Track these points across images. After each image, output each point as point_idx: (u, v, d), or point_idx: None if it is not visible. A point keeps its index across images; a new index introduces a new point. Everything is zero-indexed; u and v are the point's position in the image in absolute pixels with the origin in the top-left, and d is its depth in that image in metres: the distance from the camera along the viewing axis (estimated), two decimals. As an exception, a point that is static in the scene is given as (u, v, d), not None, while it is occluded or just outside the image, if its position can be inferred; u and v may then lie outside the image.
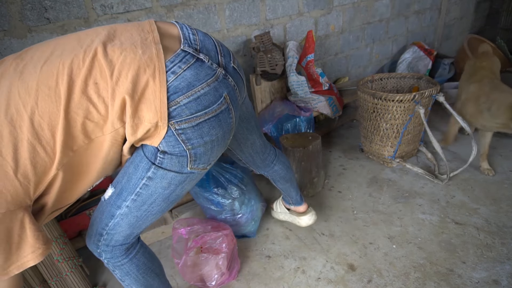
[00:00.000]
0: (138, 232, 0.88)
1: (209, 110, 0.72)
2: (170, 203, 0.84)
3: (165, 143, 0.72)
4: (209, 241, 1.27)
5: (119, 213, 0.82)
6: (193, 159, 0.75)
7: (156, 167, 0.75)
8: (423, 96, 1.73)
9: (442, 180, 1.79)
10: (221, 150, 0.81)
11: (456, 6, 3.61)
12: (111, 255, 0.87)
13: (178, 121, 0.69)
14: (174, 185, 0.79)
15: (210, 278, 1.24)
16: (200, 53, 0.73)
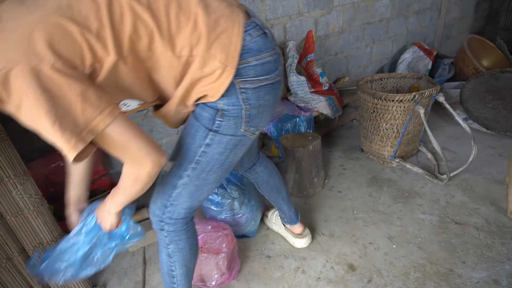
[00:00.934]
0: (196, 205, 0.94)
1: (269, 77, 0.80)
2: (224, 171, 0.90)
3: (226, 100, 0.78)
4: (209, 241, 1.27)
5: (181, 183, 0.88)
6: (247, 120, 0.82)
7: (214, 133, 0.82)
8: (423, 96, 1.73)
9: (442, 180, 1.79)
10: (268, 118, 0.88)
11: (456, 6, 3.61)
12: (173, 228, 0.94)
13: (243, 80, 0.76)
14: (228, 149, 0.85)
15: (210, 278, 1.24)
16: (265, 29, 0.81)
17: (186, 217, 0.95)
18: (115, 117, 0.65)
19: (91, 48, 0.64)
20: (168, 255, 0.99)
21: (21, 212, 1.07)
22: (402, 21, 3.07)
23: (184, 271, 1.03)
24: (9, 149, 1.03)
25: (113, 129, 0.65)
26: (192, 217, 0.98)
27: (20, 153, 1.56)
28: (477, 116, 2.23)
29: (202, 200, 0.95)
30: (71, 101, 0.61)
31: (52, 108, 0.59)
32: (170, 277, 1.04)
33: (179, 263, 1.00)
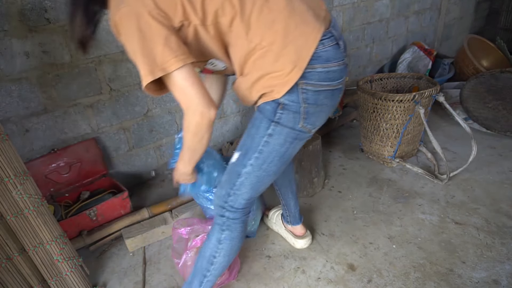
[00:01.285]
0: (255, 197, 1.01)
1: (330, 84, 0.87)
2: (283, 164, 0.96)
3: (287, 96, 0.85)
4: None
5: (244, 171, 0.94)
6: (304, 116, 0.88)
7: (275, 124, 0.89)
8: (423, 96, 1.73)
9: (442, 180, 1.79)
10: (324, 118, 0.94)
11: (456, 6, 3.61)
12: (233, 216, 1.00)
13: (306, 83, 0.84)
14: (288, 142, 0.91)
15: None
16: (339, 40, 0.90)
17: (245, 207, 1.01)
18: (184, 65, 0.77)
19: (183, 6, 0.77)
20: (218, 240, 1.03)
21: (21, 212, 1.07)
22: (402, 21, 3.07)
23: (225, 261, 1.06)
24: (9, 149, 1.02)
25: (179, 74, 0.77)
26: (249, 210, 1.04)
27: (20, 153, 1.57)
28: (477, 116, 2.23)
29: (260, 192, 1.02)
30: (156, 42, 0.75)
31: (142, 45, 0.75)
32: (208, 263, 1.05)
33: (225, 251, 1.04)
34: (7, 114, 1.49)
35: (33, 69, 1.49)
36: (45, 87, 1.54)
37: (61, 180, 1.68)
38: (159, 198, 1.86)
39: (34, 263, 1.14)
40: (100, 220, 1.61)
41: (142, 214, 1.64)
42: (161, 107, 1.95)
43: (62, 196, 1.67)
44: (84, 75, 1.63)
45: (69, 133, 1.68)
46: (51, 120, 1.61)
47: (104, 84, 1.70)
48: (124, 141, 1.88)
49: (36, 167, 1.59)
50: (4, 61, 1.41)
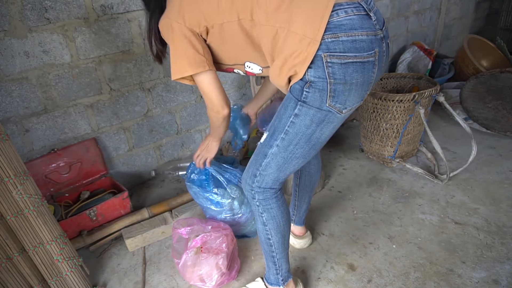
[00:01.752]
0: (283, 178, 1.01)
1: (359, 55, 0.80)
2: (311, 148, 0.94)
3: (313, 72, 0.82)
4: (209, 241, 1.27)
5: (271, 152, 0.95)
6: (332, 94, 0.84)
7: (301, 103, 0.87)
8: (423, 96, 1.73)
9: (442, 180, 1.79)
10: (356, 97, 0.87)
11: (456, 6, 3.61)
12: (263, 196, 1.02)
13: (330, 55, 0.79)
14: (315, 124, 0.89)
15: (210, 278, 1.24)
16: (370, 12, 0.83)
17: (273, 187, 1.01)
18: (200, 73, 0.96)
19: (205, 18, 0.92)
20: (263, 223, 1.06)
21: (21, 212, 1.07)
22: (402, 21, 3.07)
23: (280, 238, 1.09)
24: (9, 149, 1.02)
25: (198, 78, 0.98)
26: (280, 188, 1.04)
27: (20, 153, 1.57)
28: (477, 116, 2.23)
29: (288, 174, 1.00)
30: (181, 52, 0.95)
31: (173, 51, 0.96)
32: (268, 245, 1.11)
33: (274, 230, 1.06)
34: (7, 114, 1.49)
35: (33, 69, 1.49)
36: (45, 87, 1.54)
37: (61, 180, 1.68)
38: (159, 198, 1.86)
39: (34, 263, 1.14)
40: (100, 220, 1.61)
41: (142, 214, 1.64)
42: (161, 107, 1.95)
43: (62, 196, 1.67)
44: (84, 75, 1.63)
45: (69, 133, 1.68)
46: (51, 120, 1.61)
47: (104, 84, 1.70)
48: (124, 141, 1.88)
49: (36, 167, 1.59)
50: (4, 61, 1.41)
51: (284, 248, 1.12)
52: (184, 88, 2.00)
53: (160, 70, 1.87)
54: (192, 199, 1.73)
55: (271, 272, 1.17)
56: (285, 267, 1.16)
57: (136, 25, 1.70)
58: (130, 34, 1.70)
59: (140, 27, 1.72)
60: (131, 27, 1.69)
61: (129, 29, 1.69)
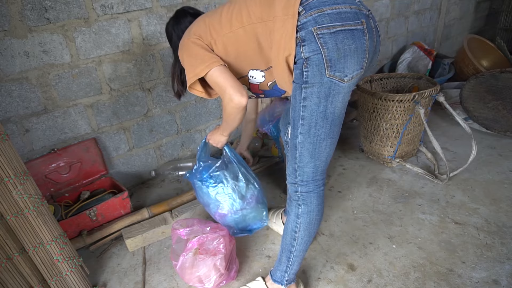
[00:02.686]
0: (322, 166, 1.03)
1: (345, 23, 0.87)
2: (331, 124, 0.97)
3: (307, 47, 0.88)
4: (206, 242, 1.27)
5: (298, 142, 0.99)
6: (329, 64, 0.88)
7: (305, 86, 0.92)
8: (423, 96, 1.73)
9: (442, 180, 1.79)
10: (354, 64, 0.91)
11: (456, 6, 3.61)
12: (306, 189, 1.04)
13: (319, 27, 0.86)
14: (323, 99, 0.92)
15: (209, 279, 1.24)
16: None
17: (315, 178, 1.04)
18: (211, 68, 1.01)
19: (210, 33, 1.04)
20: (296, 215, 1.08)
21: (21, 212, 1.07)
22: (402, 21, 3.07)
23: (306, 236, 1.10)
24: (9, 149, 1.02)
25: (211, 75, 1.02)
26: (322, 183, 1.07)
27: (20, 153, 1.57)
28: (477, 116, 2.23)
29: (324, 160, 1.02)
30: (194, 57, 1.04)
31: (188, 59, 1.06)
32: (291, 239, 1.11)
33: (304, 225, 1.08)
34: (7, 114, 1.49)
35: (33, 69, 1.49)
36: (45, 87, 1.54)
37: (61, 180, 1.68)
38: (159, 198, 1.86)
39: (34, 263, 1.14)
40: (100, 220, 1.61)
41: (142, 214, 1.64)
42: (161, 107, 1.95)
43: (62, 196, 1.67)
44: (84, 75, 1.63)
45: (69, 133, 1.68)
46: (51, 120, 1.61)
47: (104, 84, 1.70)
48: (124, 141, 1.88)
49: (36, 167, 1.59)
50: (4, 61, 1.41)
51: (304, 248, 1.13)
52: (184, 88, 2.00)
53: (160, 70, 1.87)
54: (192, 199, 1.73)
55: (280, 268, 1.17)
56: (295, 268, 1.16)
57: (136, 25, 1.70)
58: (130, 34, 1.70)
59: (140, 27, 1.72)
60: (131, 27, 1.69)
61: (129, 29, 1.69)
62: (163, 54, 1.84)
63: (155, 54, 1.82)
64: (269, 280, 1.22)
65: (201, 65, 1.01)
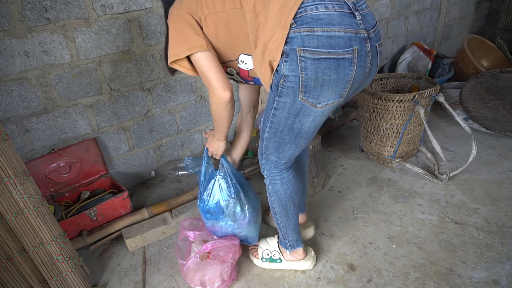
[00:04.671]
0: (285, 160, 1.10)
1: (333, 51, 0.81)
2: (297, 136, 1.01)
3: (288, 66, 0.85)
4: (218, 248, 1.27)
5: (265, 136, 1.07)
6: (303, 90, 0.87)
7: (278, 98, 0.94)
8: (423, 96, 1.73)
9: (442, 180, 1.79)
10: (331, 93, 0.88)
11: (456, 6, 3.61)
12: (269, 173, 1.15)
13: (304, 49, 0.81)
14: (292, 116, 0.95)
15: (212, 285, 1.24)
16: (356, 12, 0.83)
17: (278, 166, 1.13)
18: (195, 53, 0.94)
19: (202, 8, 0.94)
20: (269, 193, 1.21)
21: (21, 212, 1.07)
22: (402, 21, 3.07)
23: (282, 210, 1.21)
24: (9, 149, 1.02)
25: (196, 60, 0.96)
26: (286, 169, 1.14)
27: (20, 153, 1.57)
28: (477, 116, 2.23)
29: (288, 157, 1.09)
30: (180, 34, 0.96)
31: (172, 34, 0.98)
32: (273, 213, 1.25)
33: (277, 202, 1.20)
34: (7, 114, 1.49)
35: (33, 69, 1.49)
36: (45, 87, 1.54)
37: (61, 180, 1.68)
38: (159, 198, 1.86)
39: (34, 263, 1.14)
40: (100, 220, 1.61)
41: (142, 214, 1.64)
42: (161, 107, 1.95)
43: (62, 196, 1.67)
44: (84, 75, 1.63)
45: (69, 133, 1.68)
46: (51, 120, 1.61)
47: (104, 84, 1.70)
48: (124, 141, 1.88)
49: (36, 167, 1.59)
50: (4, 61, 1.41)
51: (288, 220, 1.23)
52: (184, 88, 2.00)
53: (160, 70, 1.87)
54: (192, 199, 1.73)
55: (280, 235, 1.31)
56: (291, 236, 1.27)
57: (136, 25, 1.70)
58: (130, 34, 1.70)
59: (140, 27, 1.72)
60: (131, 27, 1.69)
61: (129, 29, 1.69)
62: (163, 54, 1.84)
63: (155, 54, 1.82)
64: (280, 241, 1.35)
65: (183, 46, 0.95)
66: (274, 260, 1.35)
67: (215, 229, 1.37)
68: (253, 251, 1.40)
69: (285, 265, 1.35)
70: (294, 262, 1.34)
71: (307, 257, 1.34)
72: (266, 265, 1.37)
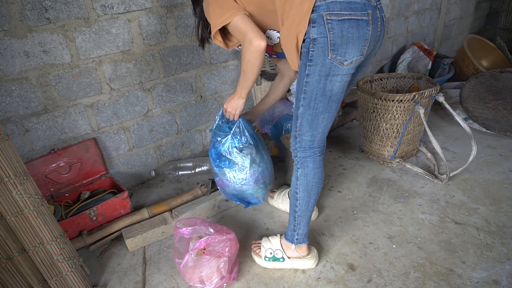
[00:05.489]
0: (319, 137, 1.16)
1: (353, 13, 0.95)
2: (329, 100, 1.08)
3: (316, 29, 0.97)
4: (213, 243, 1.27)
5: (299, 112, 1.11)
6: (332, 48, 0.97)
7: (309, 64, 1.02)
8: (423, 96, 1.73)
9: (442, 180, 1.79)
10: (354, 51, 1.00)
11: (456, 6, 3.61)
12: (303, 154, 1.18)
13: (329, 13, 0.95)
14: (323, 77, 1.03)
15: (210, 281, 1.24)
16: None
17: (312, 146, 1.17)
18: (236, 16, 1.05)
19: None
20: (296, 177, 1.23)
21: (21, 212, 1.07)
22: (402, 21, 3.07)
23: (306, 196, 1.23)
24: (9, 149, 1.02)
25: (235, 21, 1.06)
26: (319, 152, 1.20)
27: (20, 153, 1.57)
28: (477, 116, 2.23)
29: (321, 131, 1.16)
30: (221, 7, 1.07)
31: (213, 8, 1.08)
32: (294, 199, 1.26)
33: (303, 186, 1.22)
34: (7, 114, 1.49)
35: (33, 69, 1.49)
36: (45, 87, 1.54)
37: (61, 180, 1.68)
38: (159, 198, 1.86)
39: (34, 263, 1.14)
40: (100, 220, 1.61)
41: (142, 214, 1.64)
42: (161, 107, 1.95)
43: (62, 196, 1.67)
44: (84, 75, 1.63)
45: (69, 133, 1.68)
46: (51, 120, 1.61)
47: (104, 84, 1.70)
48: (124, 141, 1.88)
49: (36, 167, 1.59)
50: (4, 61, 1.41)
51: (307, 209, 1.26)
52: (184, 88, 2.01)
53: (160, 70, 1.87)
54: (192, 199, 1.73)
55: (290, 228, 1.32)
56: (302, 228, 1.29)
57: (136, 25, 1.70)
58: (130, 34, 1.70)
59: (140, 27, 1.72)
60: (131, 27, 1.69)
61: (129, 29, 1.69)
62: (163, 54, 1.84)
63: (155, 54, 1.82)
64: (283, 238, 1.37)
65: (227, 13, 1.05)
66: (277, 259, 1.35)
67: (223, 184, 1.44)
68: (256, 249, 1.41)
69: (288, 264, 1.35)
70: (297, 260, 1.34)
71: (310, 255, 1.35)
72: (268, 265, 1.37)
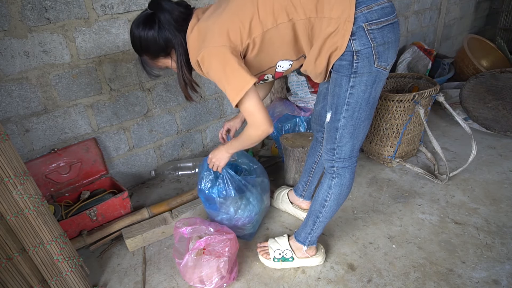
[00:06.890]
0: (358, 145, 1.14)
1: (389, 18, 0.97)
2: (371, 107, 1.08)
3: (358, 42, 0.96)
4: (213, 243, 1.27)
5: (340, 125, 1.09)
6: (377, 56, 0.98)
7: (354, 75, 1.01)
8: (423, 96, 1.73)
9: (442, 180, 1.79)
10: (393, 53, 1.02)
11: (456, 6, 3.61)
12: (342, 164, 1.16)
13: (369, 23, 0.95)
14: (369, 86, 1.02)
15: (210, 281, 1.24)
16: None
17: (351, 155, 1.15)
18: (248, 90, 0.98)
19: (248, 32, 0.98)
20: (329, 186, 1.21)
21: (21, 212, 1.07)
22: (402, 21, 3.07)
23: (335, 204, 1.23)
24: (9, 149, 1.02)
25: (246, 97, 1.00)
26: (356, 159, 1.18)
27: (20, 153, 1.57)
28: (477, 116, 2.23)
29: (361, 139, 1.14)
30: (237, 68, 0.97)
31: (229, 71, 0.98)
32: (320, 206, 1.25)
33: (335, 195, 1.21)
34: (7, 114, 1.49)
35: (33, 69, 1.49)
36: (45, 87, 1.54)
37: (61, 180, 1.68)
38: (159, 198, 1.86)
39: (34, 263, 1.14)
40: (100, 220, 1.61)
41: (142, 214, 1.64)
42: (161, 107, 1.95)
43: (62, 196, 1.67)
44: (84, 75, 1.63)
45: (69, 133, 1.68)
46: (51, 120, 1.61)
47: (104, 84, 1.70)
48: (124, 141, 1.88)
49: (36, 167, 1.59)
50: (4, 61, 1.41)
51: (330, 215, 1.26)
52: (184, 88, 2.00)
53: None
54: (192, 199, 1.73)
55: (305, 230, 1.32)
56: (319, 232, 1.31)
57: (136, 25, 1.70)
58: (130, 34, 1.70)
59: (140, 27, 1.72)
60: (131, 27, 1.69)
61: (129, 29, 1.68)
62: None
63: (155, 54, 1.82)
64: (293, 239, 1.37)
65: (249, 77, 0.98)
66: (286, 259, 1.35)
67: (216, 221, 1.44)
68: (262, 253, 1.40)
69: (297, 263, 1.36)
70: (306, 259, 1.35)
71: (318, 253, 1.36)
72: (278, 265, 1.37)
